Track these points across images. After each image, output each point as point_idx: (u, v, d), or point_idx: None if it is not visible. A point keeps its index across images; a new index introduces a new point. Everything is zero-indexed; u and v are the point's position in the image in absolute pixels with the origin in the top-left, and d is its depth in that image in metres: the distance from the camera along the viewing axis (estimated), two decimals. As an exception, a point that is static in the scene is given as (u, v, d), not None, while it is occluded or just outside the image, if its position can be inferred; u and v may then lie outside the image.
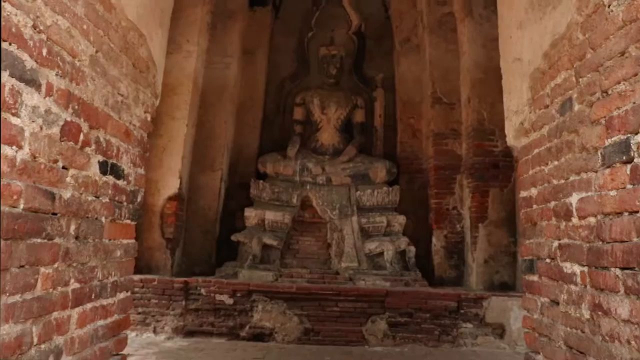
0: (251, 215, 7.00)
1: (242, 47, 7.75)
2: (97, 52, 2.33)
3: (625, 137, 1.95)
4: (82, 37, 2.20)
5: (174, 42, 6.47)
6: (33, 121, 1.88)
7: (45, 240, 2.00)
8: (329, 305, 6.02)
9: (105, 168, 2.47)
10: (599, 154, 2.14)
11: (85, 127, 2.25)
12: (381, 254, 6.85)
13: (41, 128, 1.93)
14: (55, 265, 2.08)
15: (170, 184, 6.71)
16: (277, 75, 8.27)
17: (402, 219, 7.04)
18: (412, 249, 6.88)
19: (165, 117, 6.58)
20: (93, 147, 2.34)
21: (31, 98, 1.86)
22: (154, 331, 5.94)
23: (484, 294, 6.07)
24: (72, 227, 2.20)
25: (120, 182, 2.65)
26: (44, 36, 1.93)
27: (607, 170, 2.07)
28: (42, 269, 1.99)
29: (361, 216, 7.03)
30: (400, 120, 7.76)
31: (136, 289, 5.93)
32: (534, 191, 2.78)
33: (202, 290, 6.12)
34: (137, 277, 5.80)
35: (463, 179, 6.95)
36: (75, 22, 2.14)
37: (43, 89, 1.93)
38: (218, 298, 6.10)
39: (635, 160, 1.89)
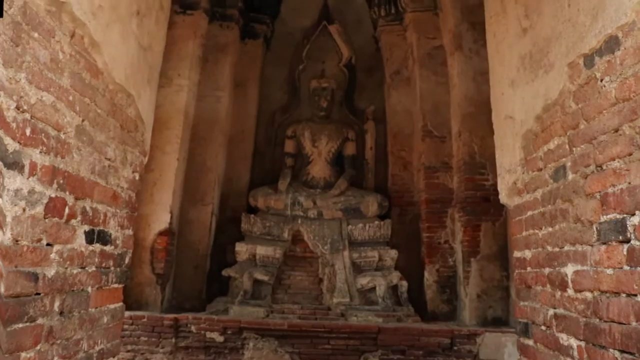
0: (242, 250, 6.93)
1: (233, 79, 7.73)
2: (83, 121, 2.28)
3: (621, 216, 1.92)
4: (68, 109, 2.15)
5: (165, 76, 6.44)
6: (15, 205, 1.82)
7: (28, 324, 1.93)
8: (320, 342, 5.94)
9: (92, 237, 2.41)
10: (594, 229, 2.11)
11: (70, 199, 2.20)
12: (373, 289, 6.79)
13: (24, 210, 1.87)
14: (38, 347, 2.01)
15: (161, 218, 6.63)
16: (268, 107, 8.24)
17: (394, 253, 6.99)
18: (405, 283, 6.83)
19: (156, 151, 6.51)
20: (79, 218, 2.28)
21: (13, 181, 1.81)
22: (144, 370, 5.83)
23: (477, 329, 6.01)
24: (57, 304, 2.14)
25: (108, 248, 2.59)
26: (27, 115, 1.89)
27: (603, 247, 2.04)
28: (24, 354, 1.92)
29: (353, 251, 6.98)
30: (391, 152, 7.74)
31: (125, 326, 5.82)
32: (527, 253, 2.75)
33: (193, 328, 6.02)
34: (126, 314, 5.69)
35: (455, 213, 6.91)
36: (61, 95, 2.10)
37: (26, 169, 1.88)
38: (208, 335, 6.00)
39: (632, 242, 1.86)
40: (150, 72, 3.06)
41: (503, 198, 3.07)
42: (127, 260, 2.86)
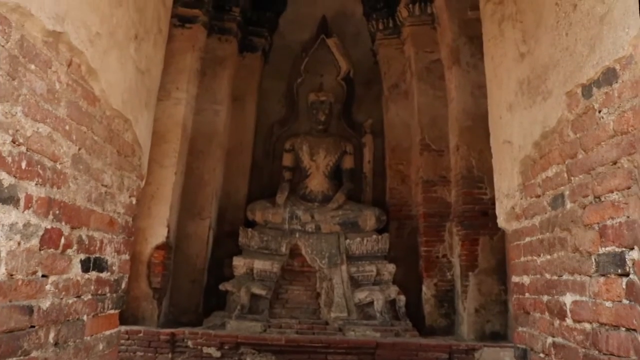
0: (240, 264, 6.90)
1: (231, 93, 7.72)
2: (80, 149, 2.27)
3: (620, 250, 1.92)
4: (64, 138, 2.14)
5: (163, 89, 6.41)
6: (10, 239, 1.81)
7: (22, 357, 1.91)
8: (318, 357, 5.90)
9: (88, 265, 2.40)
10: (593, 260, 2.10)
11: (66, 229, 2.18)
12: (371, 303, 6.76)
13: (19, 244, 1.86)
14: (32, 381, 1.99)
15: (158, 232, 6.61)
16: (266, 120, 8.24)
17: (391, 267, 6.97)
18: (402, 298, 6.80)
19: (153, 165, 6.49)
20: (75, 247, 2.27)
21: (8, 216, 1.79)
22: (139, 387, 5.79)
23: (475, 344, 5.98)
24: (51, 335, 2.12)
25: (104, 275, 2.57)
26: (23, 148, 1.87)
27: (602, 279, 2.03)
28: (18, 389, 1.90)
29: (351, 265, 6.96)
30: (389, 166, 7.73)
31: (121, 341, 5.78)
32: (526, 279, 2.74)
33: (189, 343, 5.97)
34: (122, 329, 5.66)
35: (453, 227, 6.90)
36: (57, 125, 2.09)
37: (22, 203, 1.87)
38: (205, 351, 5.96)
39: (631, 276, 1.85)
40: (148, 96, 3.05)
41: (501, 222, 3.07)
42: (123, 285, 2.84)
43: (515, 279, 2.90)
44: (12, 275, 1.83)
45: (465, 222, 6.61)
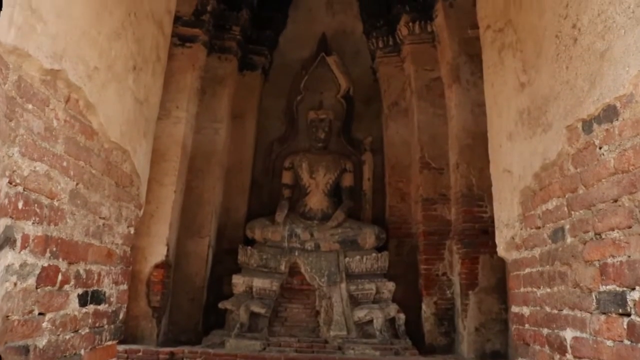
0: (239, 282, 6.87)
1: (231, 111, 7.73)
2: (77, 184, 2.26)
3: (621, 289, 1.90)
4: (62, 175, 2.13)
5: (163, 108, 6.42)
6: (6, 281, 1.79)
7: (17, 400, 1.89)
8: (318, 376, 5.88)
9: (85, 299, 2.38)
10: (594, 297, 2.08)
11: (64, 265, 2.17)
12: (370, 321, 6.72)
13: (15, 285, 1.85)
14: (27, 422, 1.97)
15: (158, 251, 6.59)
16: (265, 137, 8.23)
17: (391, 285, 6.94)
18: (402, 316, 6.77)
19: (153, 184, 6.48)
20: (72, 282, 2.25)
21: (5, 258, 1.78)
22: (138, 408, 5.74)
23: (476, 363, 5.95)
24: (48, 374, 2.10)
25: (102, 307, 2.55)
26: (20, 188, 1.86)
27: (603, 317, 2.01)
28: None
29: (350, 283, 6.92)
30: (389, 184, 7.72)
31: (120, 361, 5.75)
32: (525, 310, 2.72)
33: (189, 362, 5.95)
34: (121, 348, 5.63)
35: (453, 245, 6.88)
36: (55, 162, 2.08)
37: (18, 243, 1.86)
38: (204, 370, 5.93)
39: (633, 317, 1.83)
40: (147, 125, 3.05)
41: (501, 252, 3.05)
42: (121, 316, 2.82)
43: (515, 309, 2.88)
44: (8, 317, 1.81)
45: (465, 241, 6.59)
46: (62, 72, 2.09)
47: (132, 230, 2.86)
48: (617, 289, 1.92)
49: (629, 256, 1.86)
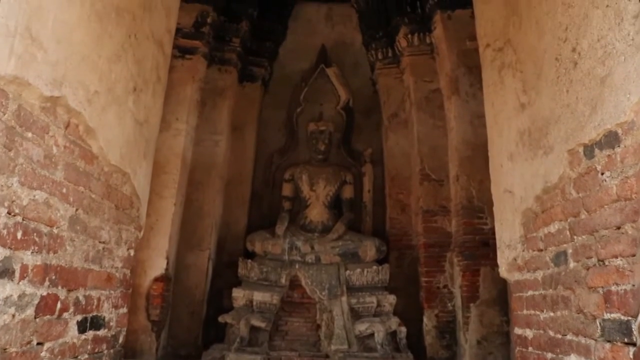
0: (239, 295, 6.83)
1: (231, 123, 7.71)
2: (77, 210, 2.25)
3: (626, 318, 1.88)
4: (62, 202, 2.12)
5: (163, 120, 6.35)
6: (4, 313, 1.78)
7: None
8: (319, 391, 5.84)
9: (85, 325, 2.36)
10: (598, 324, 2.06)
11: (63, 293, 2.15)
12: (372, 335, 6.67)
13: (13, 316, 1.83)
14: None
15: (157, 264, 6.54)
16: (265, 149, 8.21)
17: (392, 298, 6.89)
18: (403, 329, 6.72)
19: (153, 196, 6.44)
20: (71, 310, 2.23)
21: (3, 289, 1.76)
22: None
23: (478, 377, 5.91)
24: (47, 403, 2.08)
25: (101, 332, 2.53)
26: (19, 218, 1.85)
27: (608, 345, 2.00)
28: None
29: (351, 296, 6.88)
30: (389, 195, 7.69)
31: (119, 376, 5.71)
32: (529, 333, 2.70)
33: (188, 377, 5.92)
34: (120, 363, 5.61)
35: (453, 257, 6.84)
36: (54, 189, 2.07)
37: (17, 274, 1.84)
38: (204, 385, 5.91)
39: (639, 346, 1.81)
40: (147, 146, 3.04)
41: (503, 272, 3.03)
42: (120, 340, 2.80)
43: (518, 330, 2.86)
44: (5, 349, 1.79)
45: (466, 253, 6.56)
46: (62, 98, 2.09)
47: (132, 253, 2.85)
48: (622, 317, 1.90)
49: (634, 285, 1.85)
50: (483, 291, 6.52)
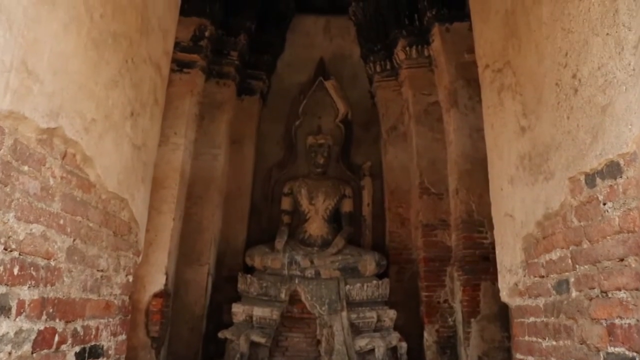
0: (239, 311, 6.79)
1: (229, 136, 7.70)
2: (74, 240, 2.22)
3: (631, 354, 1.86)
4: (59, 233, 2.10)
5: (162, 134, 6.36)
6: (0, 351, 1.75)
7: None
8: (319, 408, 5.80)
9: (83, 356, 2.33)
10: (602, 356, 2.04)
11: (60, 325, 2.12)
12: (372, 350, 6.63)
13: (10, 354, 1.80)
14: None
15: (156, 280, 6.50)
16: (264, 163, 8.20)
17: (392, 313, 6.86)
18: (404, 345, 6.68)
19: (152, 211, 6.40)
20: (69, 341, 2.21)
21: (-1, 328, 1.74)
22: None
23: (479, 393, 5.87)
24: None
25: (99, 362, 2.51)
26: (16, 253, 1.83)
27: (612, 379, 1.97)
28: None
29: (351, 311, 6.85)
30: (389, 209, 7.67)
31: (118, 393, 5.66)
32: None
33: (187, 394, 5.87)
34: (119, 380, 5.56)
35: (454, 271, 6.81)
36: (51, 221, 2.04)
37: (13, 310, 1.81)
38: (204, 402, 5.86)
39: (645, 383, 1.79)
40: (145, 170, 3.01)
41: (504, 297, 3.01)
42: (119, 367, 2.77)
43: (519, 356, 2.83)
44: (2, 387, 1.76)
45: (466, 267, 6.53)
46: (59, 129, 2.07)
47: (130, 279, 2.82)
48: (627, 352, 1.88)
49: (638, 320, 1.82)
50: (484, 306, 6.49)
